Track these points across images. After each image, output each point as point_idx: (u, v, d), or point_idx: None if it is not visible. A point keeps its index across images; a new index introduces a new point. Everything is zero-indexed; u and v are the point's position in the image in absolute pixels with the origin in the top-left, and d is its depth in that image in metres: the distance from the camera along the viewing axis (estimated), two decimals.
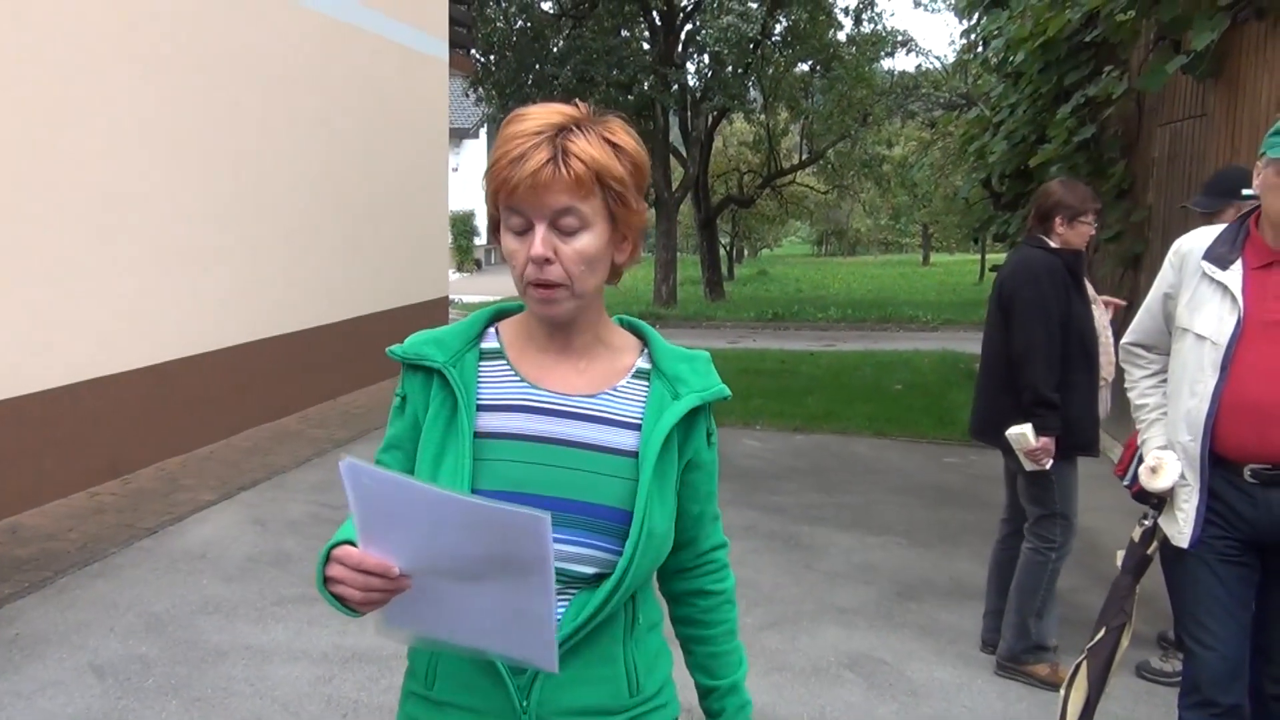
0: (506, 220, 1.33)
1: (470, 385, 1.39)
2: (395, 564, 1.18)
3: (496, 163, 1.30)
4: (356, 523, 1.18)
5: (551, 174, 1.28)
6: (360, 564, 1.18)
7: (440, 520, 1.15)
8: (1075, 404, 3.66)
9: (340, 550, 1.22)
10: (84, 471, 6.02)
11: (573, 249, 1.32)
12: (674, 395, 1.42)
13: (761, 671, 3.83)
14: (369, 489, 1.15)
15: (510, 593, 1.18)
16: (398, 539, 1.18)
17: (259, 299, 7.79)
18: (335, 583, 1.22)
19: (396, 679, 3.69)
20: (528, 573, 1.15)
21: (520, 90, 17.13)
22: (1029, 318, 3.63)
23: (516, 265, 1.34)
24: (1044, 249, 3.73)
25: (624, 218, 1.37)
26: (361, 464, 1.15)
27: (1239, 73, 5.68)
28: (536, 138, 1.29)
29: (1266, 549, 2.54)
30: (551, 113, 1.33)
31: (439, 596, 1.21)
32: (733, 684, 1.55)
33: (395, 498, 1.15)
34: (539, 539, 1.11)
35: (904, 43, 20.65)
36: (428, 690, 1.42)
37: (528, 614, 1.18)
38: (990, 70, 11.42)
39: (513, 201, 1.31)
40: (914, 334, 16.24)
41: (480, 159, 33.26)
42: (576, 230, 1.32)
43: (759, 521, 5.69)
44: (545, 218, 1.31)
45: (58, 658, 3.85)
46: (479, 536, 1.15)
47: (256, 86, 7.66)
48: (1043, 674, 3.79)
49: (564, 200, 1.30)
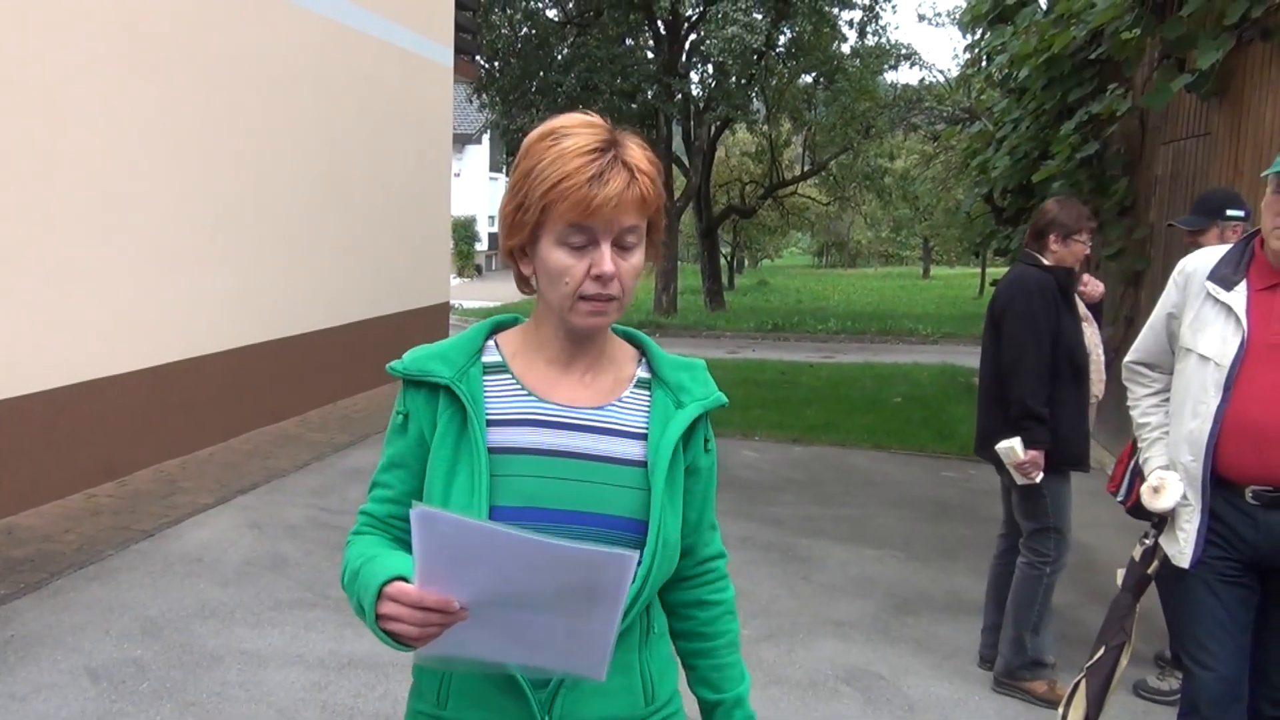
0: (565, 236, 1.32)
1: (479, 399, 1.38)
2: (455, 599, 1.16)
3: (566, 180, 1.29)
4: (418, 566, 1.16)
5: (635, 194, 1.31)
6: (420, 602, 1.17)
7: (517, 561, 1.14)
8: (1065, 419, 3.69)
9: (395, 589, 1.20)
10: (81, 473, 6.00)
11: (630, 265, 1.35)
12: (677, 404, 1.43)
13: (758, 684, 3.82)
14: (442, 535, 1.14)
15: (574, 617, 1.18)
16: (463, 578, 1.16)
17: (259, 302, 7.79)
18: (390, 620, 1.20)
19: (393, 686, 3.68)
20: (599, 602, 1.16)
21: (524, 97, 17.16)
22: (1018, 332, 3.68)
23: (571, 280, 1.33)
24: (1038, 266, 3.78)
25: (656, 232, 1.40)
26: (436, 511, 1.14)
27: (1243, 93, 5.69)
28: (603, 155, 1.30)
29: (1266, 571, 2.54)
30: (594, 127, 1.34)
31: (494, 623, 1.20)
32: (737, 698, 1.54)
33: (469, 542, 1.14)
34: (623, 574, 1.13)
35: (908, 56, 20.69)
36: (439, 710, 1.40)
37: (586, 634, 1.19)
38: (994, 85, 11.45)
39: (585, 219, 1.30)
40: (914, 347, 16.25)
41: (483, 165, 33.30)
42: (634, 247, 1.35)
43: (756, 533, 5.68)
44: (612, 235, 1.32)
45: (52, 660, 3.84)
46: (560, 576, 1.15)
47: (258, 89, 7.67)
48: (1039, 691, 3.78)
49: (633, 219, 1.33)
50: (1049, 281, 3.72)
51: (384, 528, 1.42)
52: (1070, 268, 3.79)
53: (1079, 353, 3.73)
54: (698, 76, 19.07)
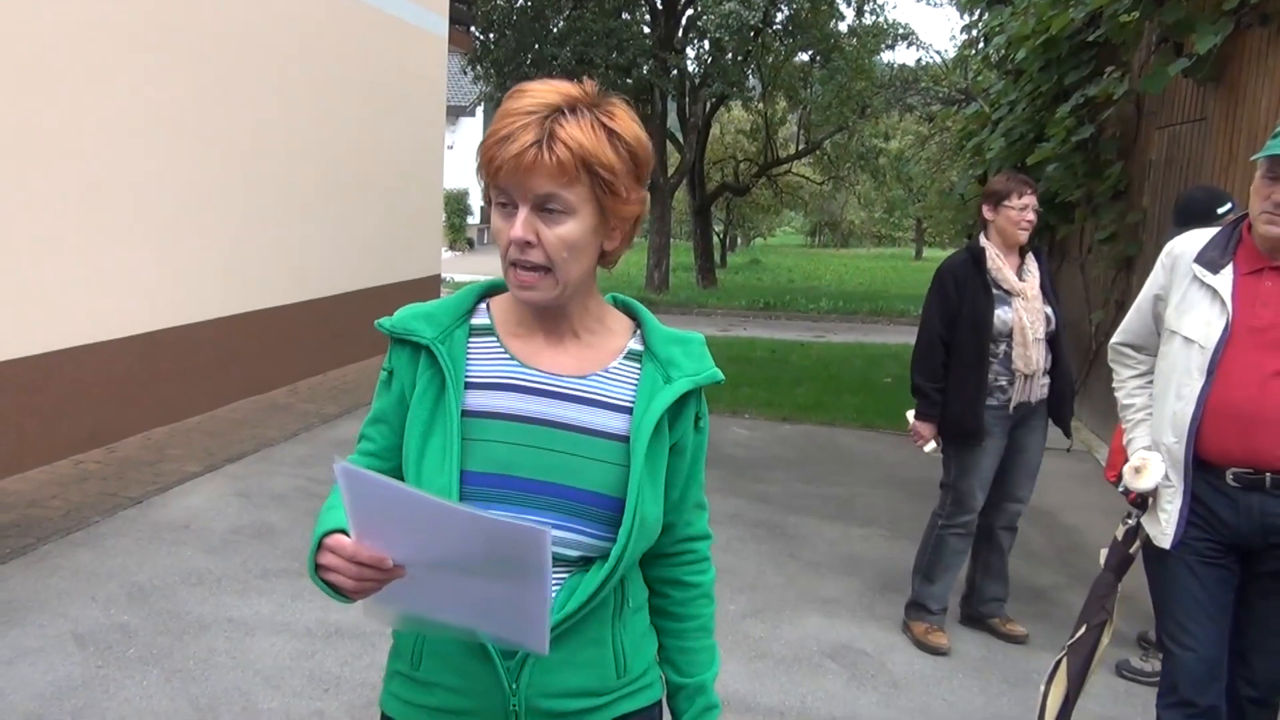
0: (494, 198, 1.33)
1: (459, 363, 1.37)
2: (389, 557, 1.17)
3: (487, 139, 1.29)
4: (350, 520, 1.17)
5: (534, 158, 1.26)
6: (354, 556, 1.17)
7: (438, 527, 1.15)
8: (957, 396, 3.89)
9: (333, 540, 1.21)
10: (69, 439, 5.99)
11: (555, 234, 1.30)
12: (665, 379, 1.40)
13: (743, 659, 3.85)
14: (364, 493, 1.14)
15: (507, 586, 1.17)
16: (393, 537, 1.16)
17: (249, 271, 7.75)
18: (328, 571, 1.22)
19: (379, 656, 3.69)
20: (525, 576, 1.15)
21: (519, 69, 17.03)
22: (923, 314, 4.03)
23: (501, 244, 1.33)
24: (971, 248, 3.97)
25: (612, 207, 1.33)
26: (356, 469, 1.13)
27: (1240, 78, 5.69)
28: (528, 118, 1.27)
29: (1246, 552, 2.56)
30: (551, 91, 1.30)
31: (433, 584, 1.20)
32: (700, 684, 1.52)
33: (391, 502, 1.14)
34: (539, 550, 1.12)
35: (905, 36, 20.62)
36: (413, 670, 1.41)
37: (524, 604, 1.18)
38: (990, 66, 11.42)
39: (498, 181, 1.30)
40: (904, 328, 16.25)
41: (476, 138, 33.13)
42: (560, 215, 1.30)
43: (744, 510, 5.70)
44: (528, 200, 1.29)
45: (39, 625, 3.84)
46: (478, 545, 1.14)
47: (249, 57, 7.60)
48: (916, 631, 4.08)
49: (546, 185, 1.28)
50: (961, 261, 3.94)
51: None
52: (980, 248, 3.91)
53: (983, 331, 3.82)
54: (694, 52, 18.97)
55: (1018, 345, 3.83)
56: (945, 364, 3.93)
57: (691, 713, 1.51)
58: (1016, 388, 3.87)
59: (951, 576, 4.08)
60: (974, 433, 3.88)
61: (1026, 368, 3.84)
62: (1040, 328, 3.85)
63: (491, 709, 1.37)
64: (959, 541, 4.05)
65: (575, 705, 1.39)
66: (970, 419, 3.86)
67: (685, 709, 1.51)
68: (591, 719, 1.41)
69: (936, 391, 3.94)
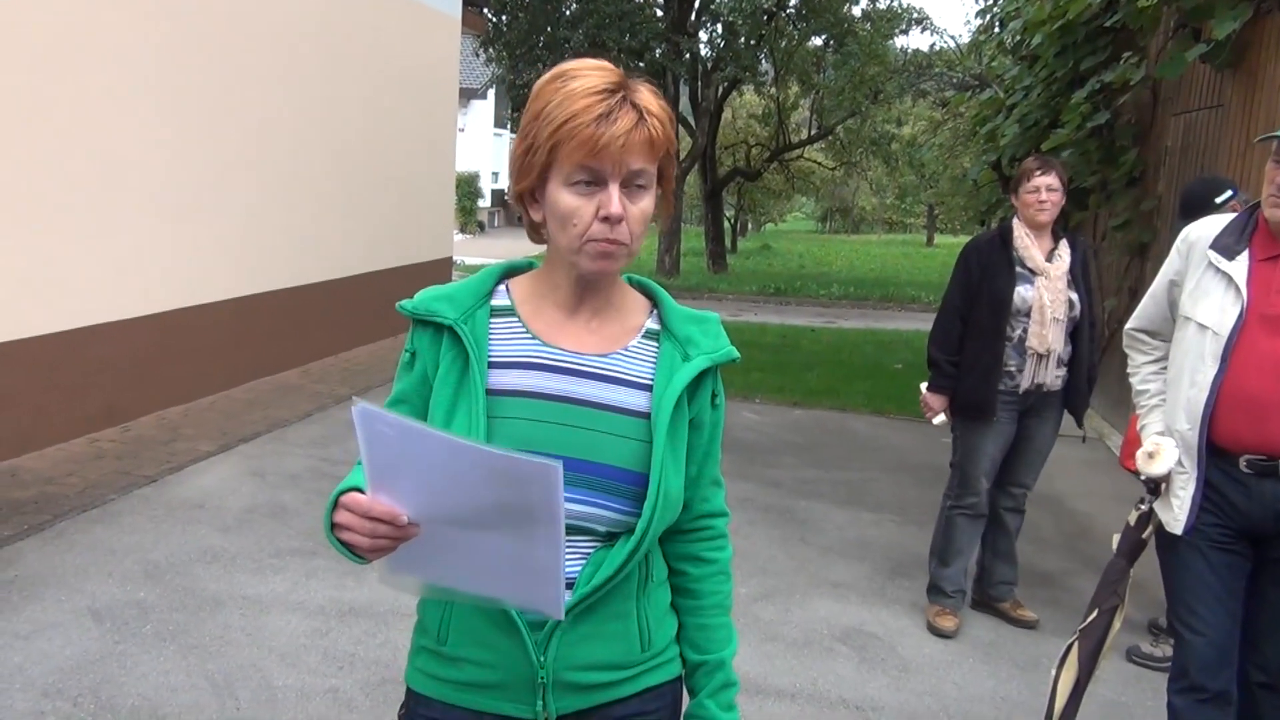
0: (570, 177, 1.31)
1: (482, 342, 1.39)
2: (404, 511, 1.17)
3: (573, 120, 1.28)
4: (366, 469, 1.18)
5: (643, 135, 1.29)
6: (368, 511, 1.18)
7: (452, 468, 1.15)
8: (971, 370, 3.93)
9: (348, 497, 1.22)
10: (84, 417, 6.03)
11: (639, 209, 1.33)
12: (684, 356, 1.42)
13: (754, 642, 3.87)
14: (381, 434, 1.15)
15: (519, 542, 1.18)
16: (407, 486, 1.17)
17: (261, 252, 7.78)
18: (342, 529, 1.23)
19: (393, 634, 3.73)
20: (537, 523, 1.15)
21: (531, 52, 17.00)
22: (947, 289, 4.08)
23: (580, 222, 1.32)
24: (1002, 227, 4.04)
25: (668, 179, 1.39)
26: (374, 408, 1.14)
27: (1258, 65, 5.65)
28: (612, 96, 1.29)
29: (1258, 539, 2.56)
30: (604, 70, 1.33)
31: (447, 544, 1.21)
32: (720, 660, 1.52)
33: (407, 444, 1.15)
34: (550, 488, 1.12)
35: (919, 20, 20.53)
36: (440, 645, 1.42)
37: (536, 564, 1.18)
38: (1005, 52, 11.35)
39: (592, 159, 1.29)
40: (916, 314, 16.23)
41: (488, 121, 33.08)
42: (643, 191, 1.34)
43: (755, 494, 5.72)
44: (620, 177, 1.30)
45: (56, 600, 3.88)
46: (491, 485, 1.14)
47: (262, 39, 7.60)
48: (929, 614, 4.13)
49: (641, 162, 1.31)
50: (989, 239, 4.00)
51: None
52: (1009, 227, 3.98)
53: (1002, 308, 3.85)
54: (706, 36, 18.91)
55: (1034, 323, 3.83)
56: (961, 338, 3.96)
57: (710, 689, 1.51)
58: (1028, 371, 3.88)
59: (964, 560, 4.10)
60: (983, 407, 3.90)
61: (1040, 346, 3.84)
62: (1061, 309, 3.85)
63: (519, 682, 1.38)
64: (967, 523, 4.07)
65: (602, 678, 1.41)
66: (981, 391, 3.89)
67: (703, 685, 1.52)
68: (616, 691, 1.43)
69: (950, 364, 3.98)
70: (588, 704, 1.41)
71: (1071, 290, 3.88)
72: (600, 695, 1.42)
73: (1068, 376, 3.94)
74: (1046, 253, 3.91)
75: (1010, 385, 3.90)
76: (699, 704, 1.51)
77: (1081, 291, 3.91)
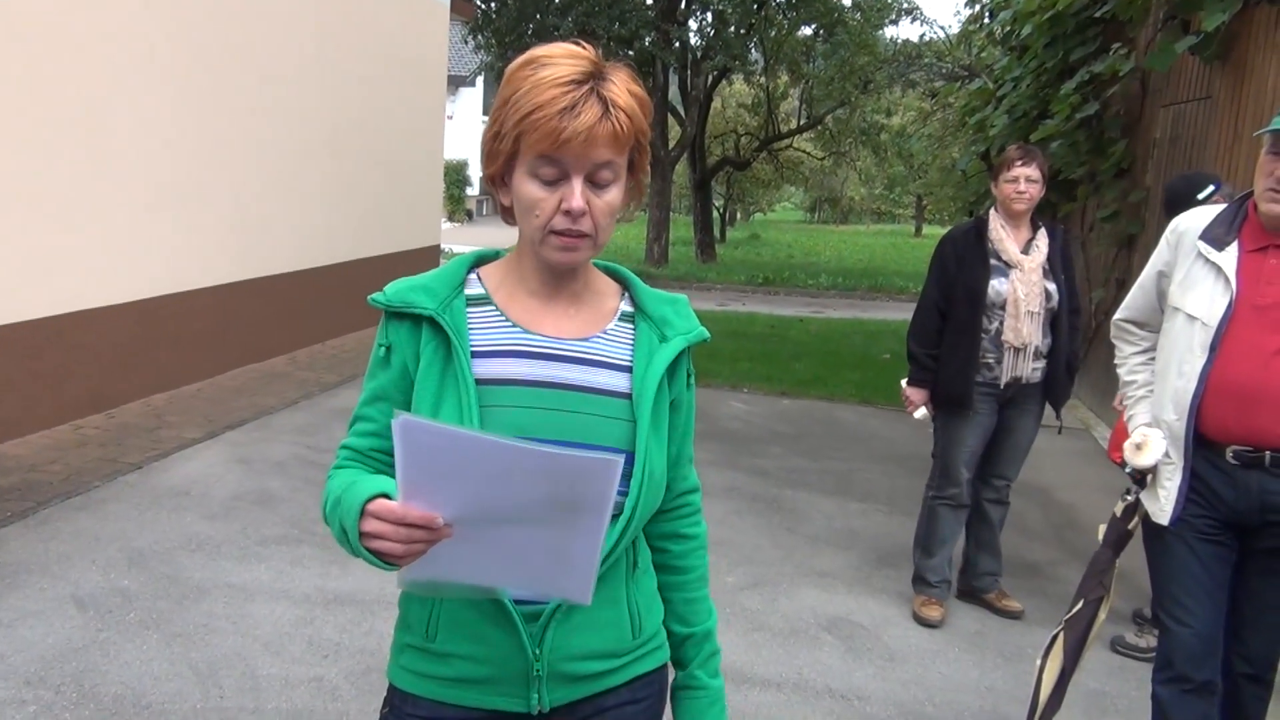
0: (535, 168, 1.30)
1: (463, 331, 1.37)
2: (439, 515, 1.15)
3: (538, 110, 1.26)
4: (400, 479, 1.14)
5: (607, 129, 1.27)
6: (403, 519, 1.15)
7: (501, 470, 1.13)
8: (949, 361, 3.94)
9: (378, 505, 1.18)
10: (69, 404, 5.99)
11: (604, 201, 1.32)
12: (661, 337, 1.43)
13: (740, 631, 3.87)
14: (424, 445, 1.12)
15: (559, 532, 1.17)
16: (446, 489, 1.15)
17: (249, 239, 7.73)
18: (373, 538, 1.18)
19: (378, 623, 3.71)
20: (582, 514, 1.15)
21: (520, 39, 16.88)
22: (925, 283, 4.09)
23: (541, 214, 1.31)
24: (977, 219, 4.05)
25: (640, 170, 1.38)
26: (417, 419, 1.12)
27: (1247, 57, 5.66)
28: (579, 88, 1.27)
29: (1244, 530, 2.57)
30: (577, 58, 1.30)
31: (477, 540, 1.18)
32: (706, 631, 1.56)
33: (452, 451, 1.12)
34: (608, 482, 1.12)
35: (909, 11, 20.49)
36: (427, 642, 1.40)
37: (572, 553, 1.18)
38: (995, 42, 11.35)
39: (555, 152, 1.28)
40: (904, 304, 16.23)
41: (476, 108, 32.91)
42: (609, 183, 1.32)
43: (742, 484, 5.72)
44: (584, 170, 1.29)
45: (39, 588, 3.85)
46: (545, 484, 1.13)
47: (252, 24, 7.54)
48: (915, 604, 4.14)
49: (606, 155, 1.29)
50: (964, 231, 4.00)
51: (367, 461, 1.40)
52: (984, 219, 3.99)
53: (978, 301, 3.86)
54: (696, 24, 18.84)
55: (1009, 317, 3.83)
56: (940, 331, 3.96)
57: (700, 658, 1.55)
58: (1005, 364, 3.88)
59: (948, 550, 4.11)
60: (961, 399, 3.91)
61: (1016, 339, 3.84)
62: (1036, 302, 3.84)
63: (512, 675, 1.37)
64: (949, 513, 4.09)
65: (596, 667, 1.41)
66: (958, 384, 3.90)
67: (693, 656, 1.55)
68: (609, 680, 1.43)
69: (929, 358, 3.99)
70: (580, 694, 1.41)
71: (1048, 281, 3.87)
72: (593, 685, 1.42)
73: (1046, 369, 3.94)
74: (1024, 243, 3.90)
75: (989, 377, 3.91)
76: (689, 674, 1.55)
77: (1059, 282, 3.90)
